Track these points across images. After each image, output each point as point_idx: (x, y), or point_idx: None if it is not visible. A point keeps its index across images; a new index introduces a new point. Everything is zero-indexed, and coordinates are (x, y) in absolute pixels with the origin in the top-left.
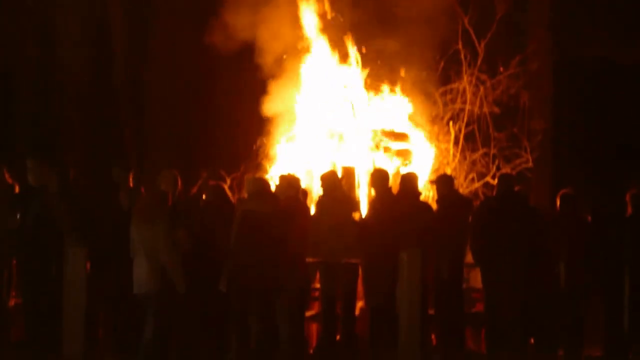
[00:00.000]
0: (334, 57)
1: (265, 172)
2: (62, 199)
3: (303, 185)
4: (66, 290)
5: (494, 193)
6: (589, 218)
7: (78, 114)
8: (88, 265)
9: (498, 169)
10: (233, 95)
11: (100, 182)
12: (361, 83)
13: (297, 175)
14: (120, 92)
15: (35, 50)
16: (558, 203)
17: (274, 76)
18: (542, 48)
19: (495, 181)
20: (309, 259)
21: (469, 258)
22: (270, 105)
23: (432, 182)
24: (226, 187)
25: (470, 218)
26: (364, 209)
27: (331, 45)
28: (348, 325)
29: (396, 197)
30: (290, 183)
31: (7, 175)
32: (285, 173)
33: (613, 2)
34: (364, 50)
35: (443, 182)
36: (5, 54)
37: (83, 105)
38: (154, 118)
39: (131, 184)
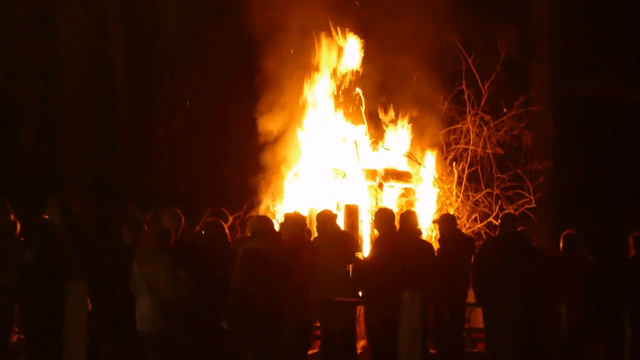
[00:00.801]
0: (338, 98)
1: (269, 210)
2: (65, 233)
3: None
4: (67, 323)
5: (497, 233)
6: (591, 259)
7: (79, 149)
8: (90, 300)
9: (501, 209)
10: (236, 132)
11: (102, 217)
12: (365, 123)
13: (302, 214)
14: (122, 126)
15: (36, 84)
16: (561, 244)
17: (278, 115)
18: (544, 89)
19: (498, 221)
20: (311, 297)
21: (471, 298)
22: (274, 144)
23: (434, 221)
24: (224, 224)
25: (472, 258)
26: (367, 248)
27: (336, 84)
28: None
29: (396, 235)
30: (295, 222)
31: (10, 212)
32: (290, 212)
33: (615, 42)
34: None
35: (445, 222)
36: (6, 88)
37: (84, 140)
38: (156, 154)
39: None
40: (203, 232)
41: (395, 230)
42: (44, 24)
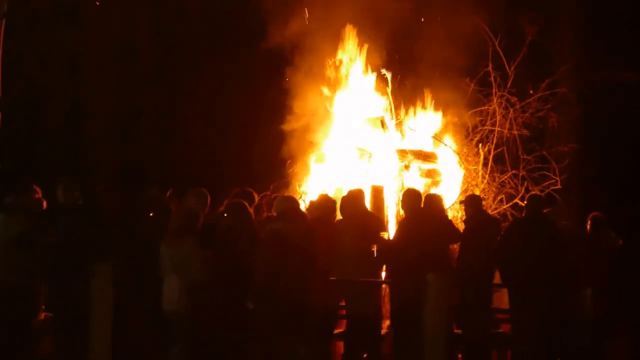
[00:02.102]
0: (365, 77)
1: (295, 191)
2: (91, 216)
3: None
4: (93, 304)
5: (523, 214)
6: (620, 242)
7: (104, 133)
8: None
9: (527, 190)
10: (264, 114)
11: (129, 199)
12: (392, 103)
13: (332, 197)
14: (149, 110)
15: (64, 70)
16: (588, 226)
17: (306, 95)
18: (570, 71)
19: (524, 203)
20: (334, 278)
21: (496, 279)
22: (301, 125)
23: (460, 202)
24: (247, 205)
25: (497, 239)
26: (392, 228)
27: (364, 65)
28: (373, 344)
29: (421, 216)
30: (324, 204)
31: (36, 192)
32: (321, 193)
33: None
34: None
35: (471, 202)
36: (34, 74)
37: (111, 124)
38: (183, 135)
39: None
40: (225, 213)
41: (421, 211)
42: (71, 11)
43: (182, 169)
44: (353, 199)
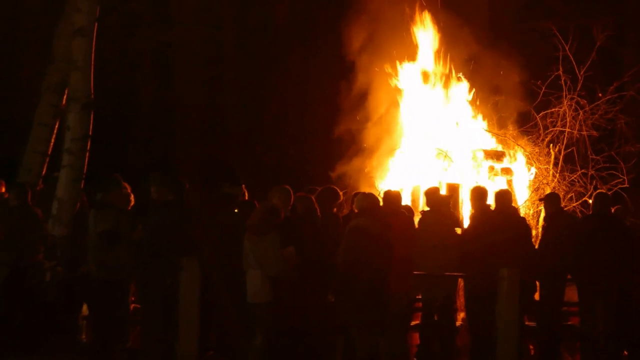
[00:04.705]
0: (441, 80)
1: (373, 188)
2: (180, 211)
3: (407, 201)
4: (182, 297)
5: (590, 212)
6: None
7: (191, 132)
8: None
9: (595, 188)
10: (342, 113)
11: (214, 196)
12: (467, 105)
13: (400, 191)
14: (232, 110)
15: (152, 71)
16: None
17: (381, 97)
18: (638, 75)
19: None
20: (415, 271)
21: None
22: (379, 125)
23: (540, 199)
24: (313, 198)
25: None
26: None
27: (440, 70)
28: (448, 335)
29: (492, 212)
30: (395, 199)
31: (125, 187)
32: (389, 189)
33: None
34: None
35: (551, 201)
36: (124, 75)
37: (196, 123)
38: (264, 135)
39: (245, 198)
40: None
41: (488, 206)
42: (159, 15)
43: (264, 167)
44: (436, 193)
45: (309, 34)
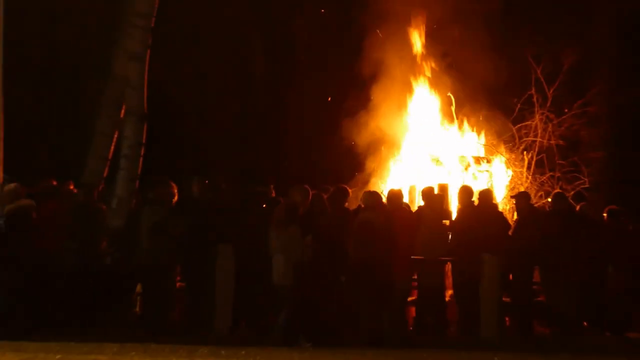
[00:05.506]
0: (434, 96)
1: (376, 187)
2: (216, 206)
3: (405, 199)
4: (218, 279)
5: (550, 208)
6: (630, 228)
7: (227, 139)
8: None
9: (561, 188)
10: (358, 123)
11: (245, 193)
12: (455, 119)
13: (401, 190)
14: (262, 119)
15: (193, 87)
16: (605, 216)
17: (386, 109)
18: (601, 93)
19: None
20: (411, 257)
21: None
22: (382, 133)
23: (511, 197)
24: (324, 196)
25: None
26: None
27: (431, 87)
28: (439, 309)
29: (476, 208)
30: (397, 196)
31: (172, 187)
32: (392, 188)
33: None
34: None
35: (521, 198)
36: (170, 90)
37: (231, 132)
38: (291, 140)
39: (273, 196)
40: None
41: (473, 203)
42: (197, 34)
43: (289, 168)
44: (431, 191)
45: (325, 58)
